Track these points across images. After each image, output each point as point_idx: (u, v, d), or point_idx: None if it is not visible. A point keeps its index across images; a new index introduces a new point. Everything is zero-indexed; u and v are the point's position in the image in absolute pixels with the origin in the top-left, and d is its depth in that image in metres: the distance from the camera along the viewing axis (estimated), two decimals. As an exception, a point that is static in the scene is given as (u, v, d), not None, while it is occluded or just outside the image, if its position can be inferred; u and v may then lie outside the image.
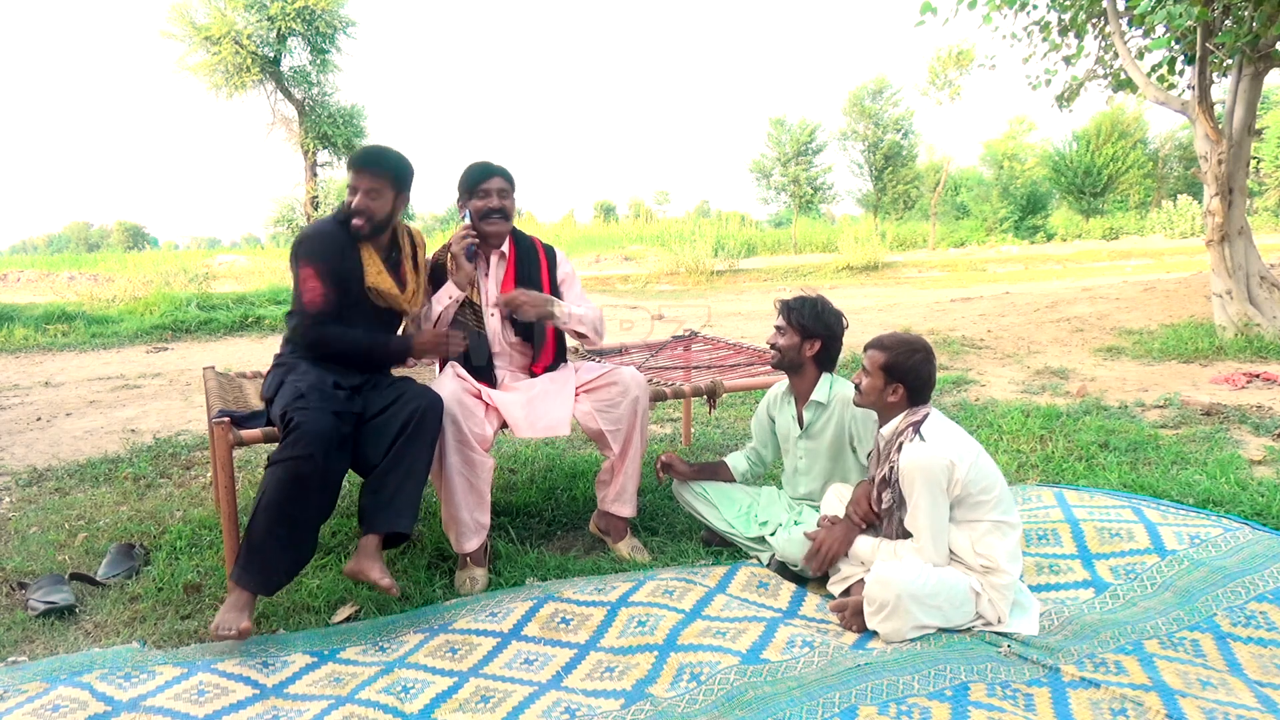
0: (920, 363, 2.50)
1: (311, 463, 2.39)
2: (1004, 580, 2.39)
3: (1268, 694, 2.05)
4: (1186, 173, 30.65)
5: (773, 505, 3.07)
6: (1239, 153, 6.97)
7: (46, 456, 4.66)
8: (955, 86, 18.45)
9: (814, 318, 2.88)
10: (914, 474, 2.40)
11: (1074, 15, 8.21)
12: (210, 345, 9.67)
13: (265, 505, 2.39)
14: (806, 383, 2.95)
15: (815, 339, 2.89)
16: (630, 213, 49.45)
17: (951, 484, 2.39)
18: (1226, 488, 3.34)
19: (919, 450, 2.40)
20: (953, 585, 2.38)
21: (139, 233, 56.43)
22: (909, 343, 2.53)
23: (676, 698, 2.11)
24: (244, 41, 19.23)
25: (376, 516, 2.57)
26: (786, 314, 2.92)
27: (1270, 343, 6.53)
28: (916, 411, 2.50)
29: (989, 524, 2.41)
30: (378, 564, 2.53)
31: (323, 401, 2.50)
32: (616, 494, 3.07)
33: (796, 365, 2.93)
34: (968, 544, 2.42)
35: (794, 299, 2.95)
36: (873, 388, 2.55)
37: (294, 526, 2.42)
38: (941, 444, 2.40)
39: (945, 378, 5.97)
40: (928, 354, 2.53)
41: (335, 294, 2.69)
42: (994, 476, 2.45)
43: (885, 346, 2.54)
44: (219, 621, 2.35)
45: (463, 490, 2.81)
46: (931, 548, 2.42)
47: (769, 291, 15.42)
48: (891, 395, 2.52)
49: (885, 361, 2.51)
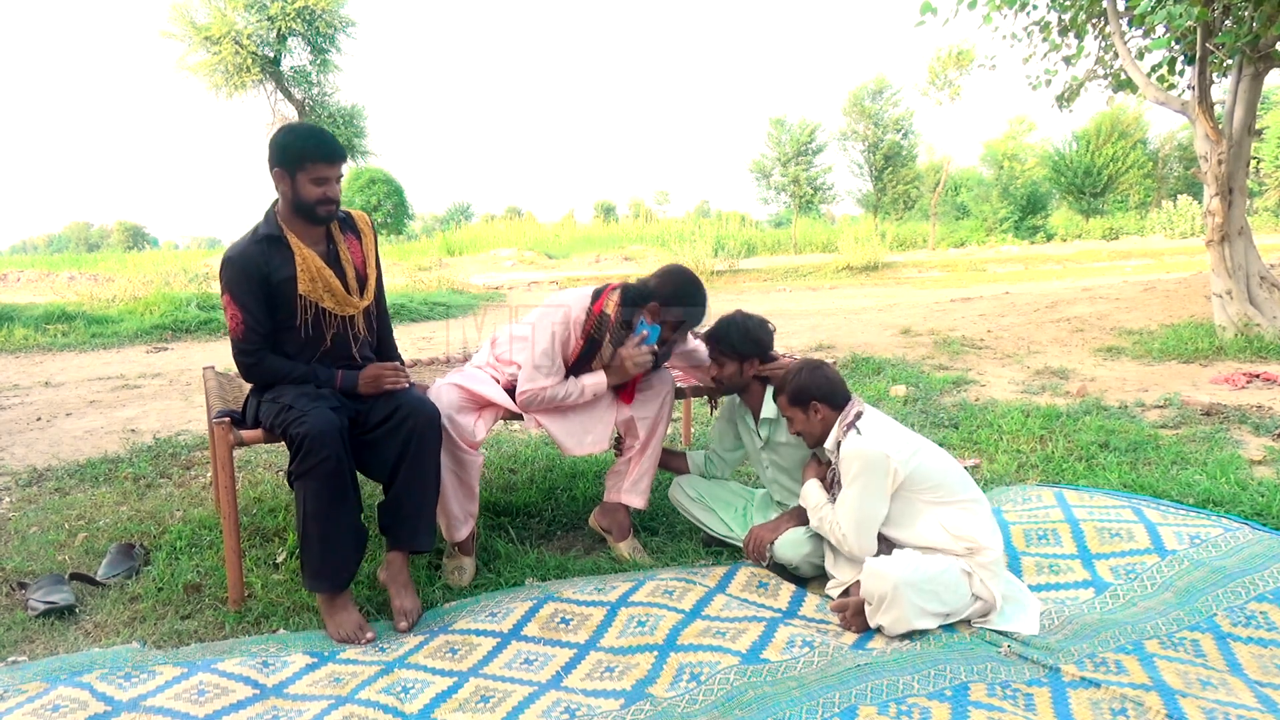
0: (809, 376, 2.63)
1: (332, 462, 2.43)
2: (989, 557, 2.43)
3: (1268, 694, 2.05)
4: (1186, 173, 30.64)
5: (767, 508, 3.10)
6: (1239, 153, 6.96)
7: (46, 456, 4.65)
8: (955, 87, 18.40)
9: (743, 339, 2.90)
10: (852, 461, 2.48)
11: (1074, 15, 8.21)
12: (210, 345, 9.67)
13: (311, 516, 2.45)
14: (755, 399, 3.00)
15: (751, 358, 2.92)
16: (630, 213, 49.41)
17: (890, 476, 2.45)
18: (1226, 488, 3.34)
19: (857, 441, 2.49)
20: (944, 569, 2.41)
21: (139, 233, 56.46)
22: (791, 370, 2.68)
23: (676, 698, 2.11)
24: (244, 41, 19.23)
25: (400, 535, 2.64)
26: (716, 344, 2.93)
27: (1270, 343, 6.53)
28: (847, 412, 2.60)
29: (954, 507, 2.47)
30: (404, 591, 2.62)
31: (312, 403, 2.51)
32: (632, 483, 3.09)
33: (742, 387, 2.99)
34: (941, 530, 2.46)
35: (716, 327, 2.94)
36: (801, 423, 2.67)
37: (342, 521, 2.49)
38: (877, 438, 2.48)
39: (945, 378, 5.97)
40: (811, 365, 2.67)
41: (263, 318, 2.56)
42: (941, 463, 2.51)
43: (780, 388, 2.70)
44: (341, 637, 2.49)
45: (452, 486, 2.86)
46: (853, 536, 2.51)
47: (769, 292, 15.43)
48: (816, 415, 2.63)
49: (788, 397, 2.65)
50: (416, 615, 2.60)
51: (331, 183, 2.55)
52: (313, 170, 2.52)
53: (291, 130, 2.57)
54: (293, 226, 2.60)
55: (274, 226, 2.58)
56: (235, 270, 2.54)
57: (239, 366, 2.63)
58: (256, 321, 2.55)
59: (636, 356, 2.86)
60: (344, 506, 2.49)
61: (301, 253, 2.57)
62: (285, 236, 2.58)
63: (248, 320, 2.54)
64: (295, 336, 2.63)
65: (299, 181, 2.52)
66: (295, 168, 2.51)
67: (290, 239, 2.58)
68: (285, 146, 2.52)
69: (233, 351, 2.60)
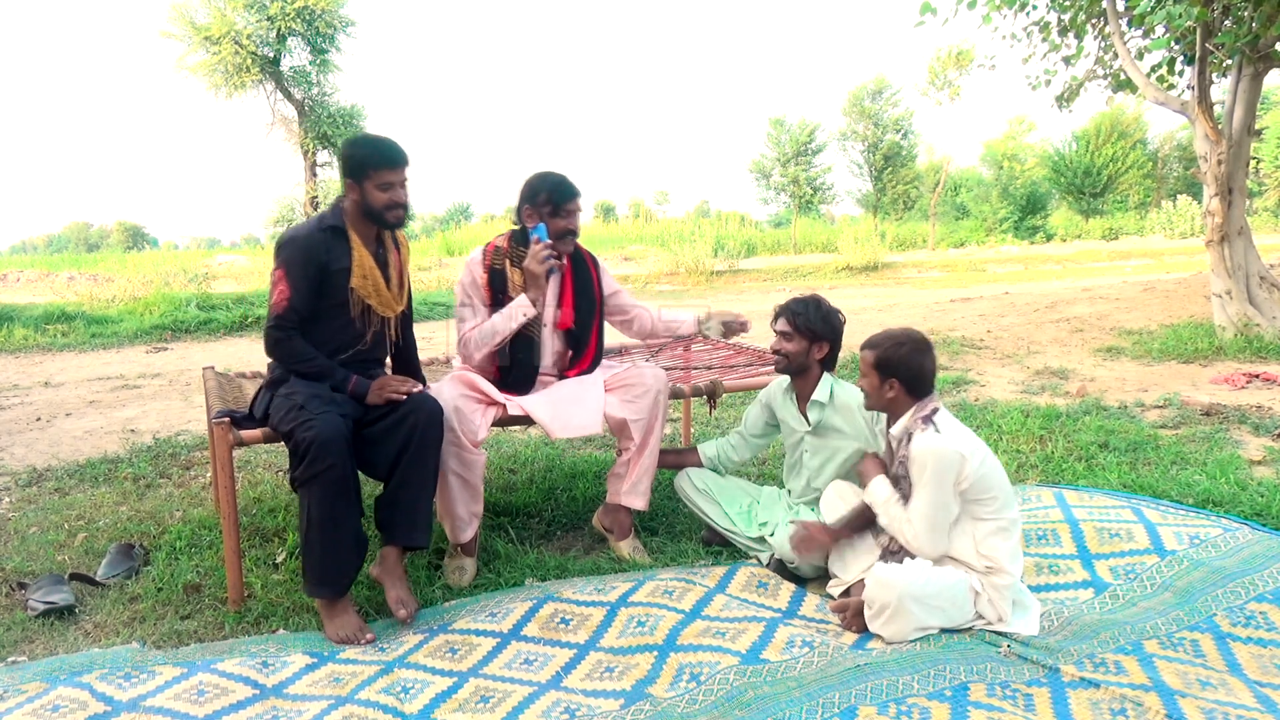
0: (909, 354, 2.47)
1: (337, 470, 2.45)
2: (1005, 581, 2.40)
3: (1267, 694, 2.05)
4: (1186, 173, 30.64)
5: (773, 506, 3.08)
6: (1239, 153, 6.97)
7: (46, 456, 4.66)
8: (955, 87, 18.41)
9: (821, 321, 2.86)
10: (926, 460, 2.38)
11: (1074, 15, 8.21)
12: (210, 345, 9.67)
13: (315, 523, 2.47)
14: (810, 384, 2.95)
15: (823, 341, 2.88)
16: (630, 213, 49.38)
17: (961, 478, 2.37)
18: (1226, 488, 3.34)
19: (932, 439, 2.39)
20: (953, 585, 2.38)
21: (139, 233, 56.41)
22: (895, 336, 2.52)
23: (676, 698, 2.11)
24: (244, 41, 19.22)
25: (395, 530, 2.65)
26: (792, 319, 2.88)
27: (1270, 343, 6.53)
28: (924, 405, 2.48)
29: (993, 525, 2.41)
30: (399, 583, 2.63)
31: (324, 407, 2.53)
32: (631, 485, 3.08)
33: (803, 369, 2.93)
34: (970, 545, 2.42)
35: (795, 303, 2.91)
36: (871, 387, 2.55)
37: (345, 527, 2.51)
38: (954, 436, 2.40)
39: (945, 378, 5.97)
40: (916, 345, 2.49)
41: (308, 301, 2.66)
42: (1000, 476, 2.45)
43: (874, 344, 2.54)
44: (341, 639, 2.50)
45: (458, 488, 2.86)
46: (926, 537, 2.41)
47: (769, 292, 15.43)
48: (889, 391, 2.50)
49: (875, 359, 2.51)
50: (415, 604, 2.61)
51: (397, 187, 2.69)
52: (377, 177, 2.66)
53: (354, 142, 2.74)
54: (355, 225, 2.74)
55: (339, 219, 2.72)
56: (297, 250, 2.66)
57: (267, 339, 2.69)
58: (301, 302, 2.65)
59: (538, 255, 2.93)
60: (347, 514, 2.51)
61: (359, 250, 2.72)
62: (348, 231, 2.72)
63: (294, 299, 2.63)
64: (339, 326, 2.73)
65: (366, 189, 2.68)
66: (361, 177, 2.67)
67: (351, 234, 2.73)
68: (349, 158, 2.69)
69: (267, 324, 2.68)
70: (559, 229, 3.00)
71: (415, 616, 2.59)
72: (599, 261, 3.29)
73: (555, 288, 3.11)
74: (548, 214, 3.00)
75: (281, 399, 2.62)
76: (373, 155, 2.67)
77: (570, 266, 3.13)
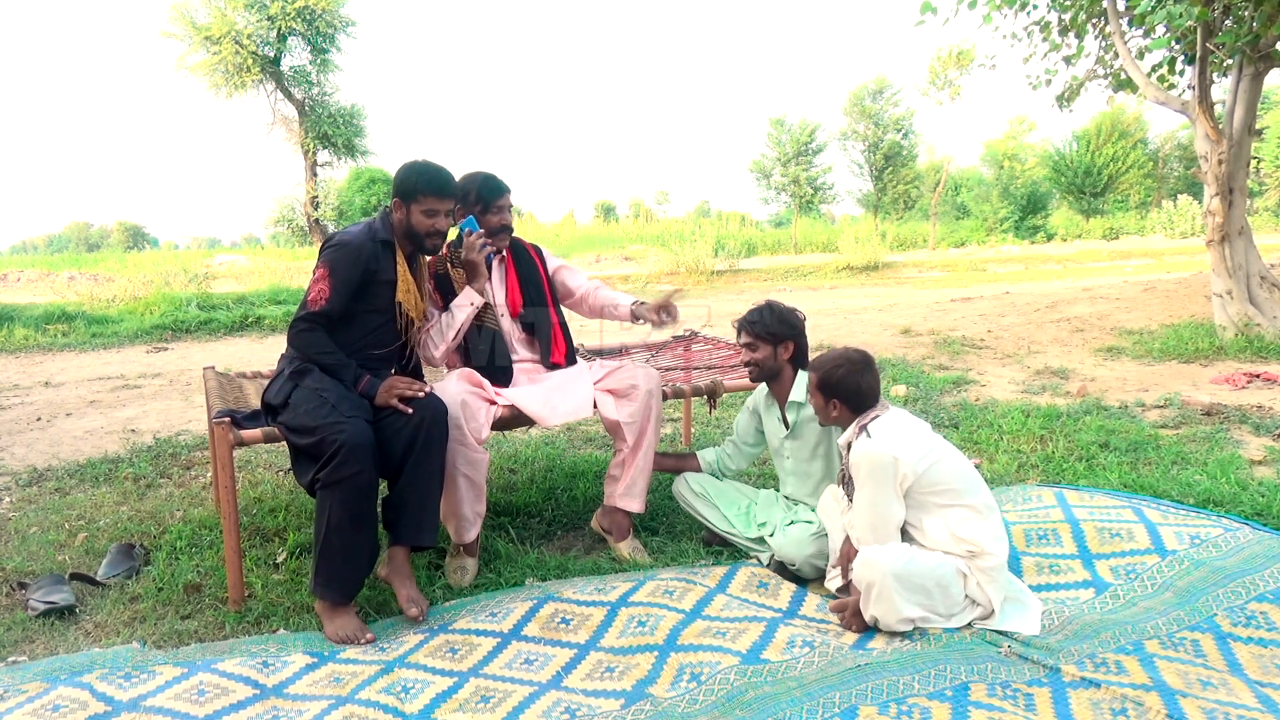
0: (845, 375, 2.57)
1: (364, 476, 2.48)
2: (990, 563, 2.42)
3: (1268, 694, 2.05)
4: (1186, 173, 30.64)
5: (771, 506, 3.09)
6: (1239, 153, 6.97)
7: (46, 456, 4.66)
8: (955, 86, 18.44)
9: (778, 322, 2.95)
10: (860, 464, 2.48)
11: (1074, 15, 8.21)
12: (210, 345, 9.67)
13: (335, 526, 2.49)
14: (785, 385, 3.02)
15: (786, 341, 2.95)
16: (630, 213, 49.41)
17: (898, 479, 2.44)
18: (1227, 488, 3.34)
19: (865, 445, 2.49)
20: (936, 566, 2.41)
21: (139, 233, 56.42)
22: (834, 360, 2.62)
23: (677, 698, 2.11)
24: (244, 41, 19.25)
25: (404, 530, 2.66)
26: (751, 329, 2.97)
27: (1270, 343, 6.53)
28: (865, 416, 2.58)
29: (963, 510, 2.45)
30: (408, 582, 2.65)
31: (354, 411, 2.55)
32: (626, 488, 3.08)
33: (775, 372, 3.00)
34: (945, 532, 2.46)
35: (751, 313, 3.00)
36: (818, 405, 2.68)
37: (364, 534, 2.54)
38: (887, 441, 2.47)
39: (945, 378, 5.98)
40: (853, 366, 2.59)
41: (344, 304, 2.72)
42: (954, 468, 2.49)
43: (816, 367, 2.66)
44: (340, 639, 2.51)
45: (465, 488, 2.86)
46: (869, 537, 2.49)
47: (770, 292, 15.42)
48: (834, 410, 2.63)
49: (818, 381, 2.63)
50: (425, 603, 2.63)
51: (440, 216, 2.80)
52: (423, 202, 2.77)
53: (410, 166, 2.82)
54: (399, 241, 2.86)
55: (389, 234, 2.83)
56: (347, 253, 2.74)
57: (293, 327, 2.73)
58: (338, 301, 2.71)
59: (473, 246, 3.03)
60: (367, 521, 2.53)
61: (403, 265, 2.84)
62: (395, 245, 2.84)
63: (332, 300, 2.69)
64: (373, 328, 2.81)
65: (411, 212, 2.79)
66: (409, 199, 2.78)
67: (397, 249, 2.85)
68: (402, 180, 2.80)
69: (298, 314, 2.73)
70: (492, 225, 3.13)
71: (427, 615, 2.60)
72: (542, 249, 3.39)
73: (500, 275, 3.21)
74: (479, 212, 3.12)
75: (308, 392, 2.61)
76: (423, 181, 2.77)
77: (511, 257, 3.25)
